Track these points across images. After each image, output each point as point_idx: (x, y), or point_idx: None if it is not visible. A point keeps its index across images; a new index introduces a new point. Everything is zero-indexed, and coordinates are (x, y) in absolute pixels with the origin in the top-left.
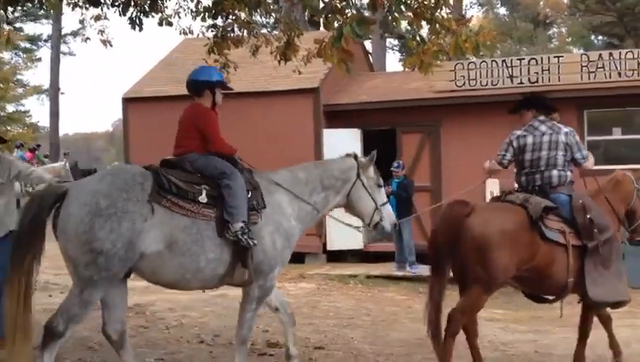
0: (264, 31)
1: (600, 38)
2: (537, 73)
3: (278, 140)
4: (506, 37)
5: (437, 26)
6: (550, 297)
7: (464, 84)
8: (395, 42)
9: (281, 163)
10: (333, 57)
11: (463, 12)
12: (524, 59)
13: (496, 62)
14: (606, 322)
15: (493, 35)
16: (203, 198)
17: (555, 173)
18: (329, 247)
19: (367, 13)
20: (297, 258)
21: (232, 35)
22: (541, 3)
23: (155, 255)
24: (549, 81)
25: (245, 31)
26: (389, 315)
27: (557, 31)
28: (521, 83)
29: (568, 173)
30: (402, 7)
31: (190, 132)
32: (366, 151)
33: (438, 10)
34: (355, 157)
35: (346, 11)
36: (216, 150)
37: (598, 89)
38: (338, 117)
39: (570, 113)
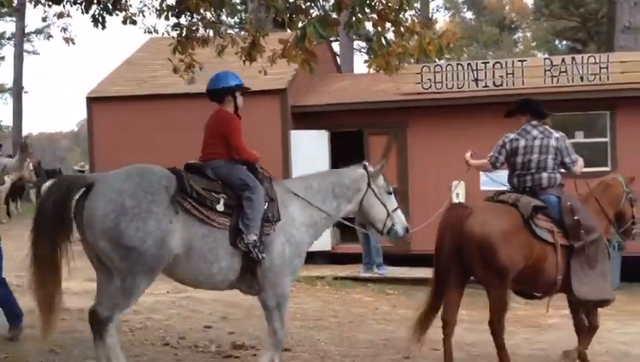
0: (230, 31)
1: (564, 42)
2: (502, 77)
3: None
4: (473, 41)
5: (401, 28)
6: (538, 294)
7: (430, 86)
8: (363, 44)
9: None
10: (297, 58)
11: (430, 15)
12: (488, 62)
13: (461, 65)
14: (591, 330)
15: (456, 37)
16: (220, 207)
17: (545, 175)
18: None
19: (332, 14)
20: None
21: (197, 34)
22: (507, 7)
23: (175, 258)
24: (514, 84)
25: (211, 31)
26: (356, 317)
27: (522, 35)
28: (486, 86)
29: (558, 176)
30: (366, 8)
31: (215, 138)
32: (333, 152)
33: (402, 13)
34: (365, 167)
35: (310, 12)
36: (240, 157)
37: (561, 93)
38: (306, 118)
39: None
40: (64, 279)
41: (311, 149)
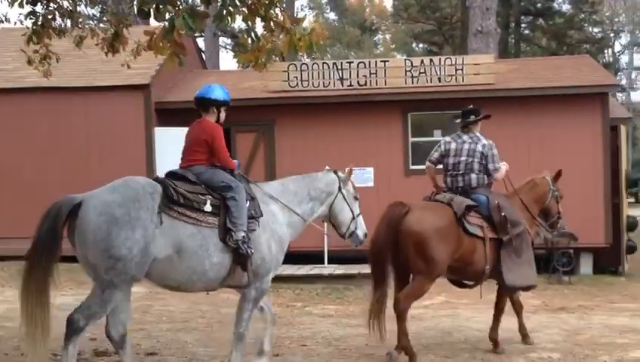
0: (90, 22)
1: (421, 45)
2: (366, 76)
3: (104, 139)
4: (336, 41)
5: (271, 23)
6: (470, 282)
7: (297, 85)
8: (229, 41)
9: (109, 163)
10: (165, 50)
11: (295, 14)
12: (353, 62)
13: (327, 64)
14: (518, 309)
15: (325, 35)
16: (208, 207)
17: (473, 176)
18: None
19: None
20: None
21: (53, 23)
22: (367, 10)
23: (166, 259)
24: (377, 84)
25: (69, 21)
26: (225, 316)
27: (382, 37)
28: (351, 85)
29: (485, 177)
30: (237, 1)
31: (198, 146)
32: None
33: (272, 8)
34: (335, 172)
35: (178, 3)
36: (220, 164)
37: (421, 93)
38: (170, 115)
39: (396, 116)
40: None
41: (176, 147)
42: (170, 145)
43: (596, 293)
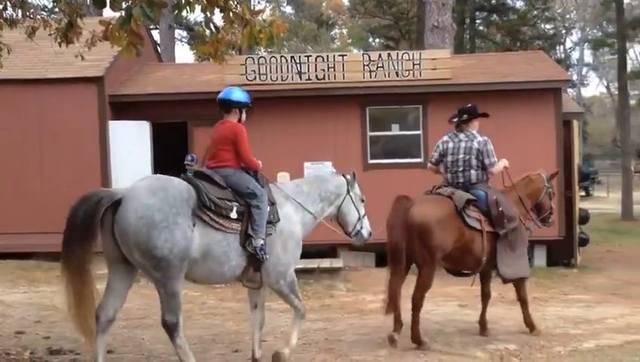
0: (43, 13)
1: (378, 40)
2: (324, 70)
3: (57, 133)
4: (293, 35)
5: (230, 14)
6: (467, 271)
7: (255, 78)
8: (185, 34)
9: (62, 157)
10: (122, 40)
11: (252, 8)
12: (311, 56)
13: (285, 58)
14: (485, 300)
15: (285, 27)
16: (234, 215)
17: (473, 172)
18: None
19: None
20: None
21: (4, 14)
22: (324, 4)
23: (193, 261)
24: (335, 78)
25: (20, 11)
26: (183, 312)
27: (339, 32)
28: (309, 79)
29: (484, 173)
30: None
31: (225, 145)
32: (156, 144)
33: None
34: (344, 175)
35: None
36: (245, 165)
37: (379, 87)
38: (125, 108)
39: (354, 110)
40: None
41: (131, 141)
42: (124, 139)
43: (550, 285)
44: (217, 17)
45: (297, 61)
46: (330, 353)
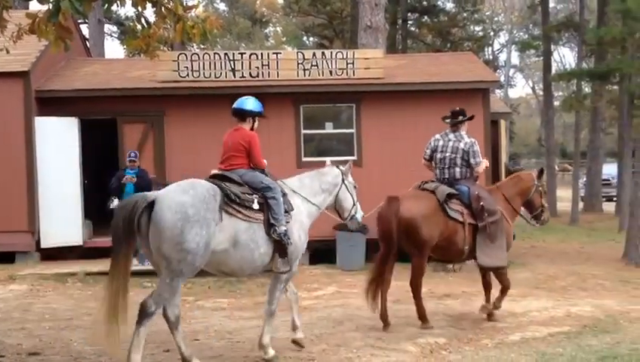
0: None
1: (312, 39)
2: (258, 68)
3: None
4: (226, 32)
5: (163, 9)
6: (452, 261)
7: (188, 75)
8: (115, 28)
9: None
10: (49, 34)
11: (185, 3)
12: (245, 53)
13: (218, 54)
14: (504, 290)
15: (219, 23)
16: (255, 206)
17: (457, 170)
18: (43, 245)
19: None
20: (5, 257)
21: None
22: (258, 2)
23: (223, 251)
24: (269, 76)
25: None
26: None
27: (273, 30)
28: (243, 76)
29: (468, 170)
30: None
31: (238, 151)
32: (84, 141)
33: None
34: (337, 166)
35: None
36: (256, 166)
37: (313, 85)
38: (52, 104)
39: (288, 108)
40: None
41: (59, 137)
42: (51, 136)
43: (479, 280)
44: (149, 12)
45: (231, 58)
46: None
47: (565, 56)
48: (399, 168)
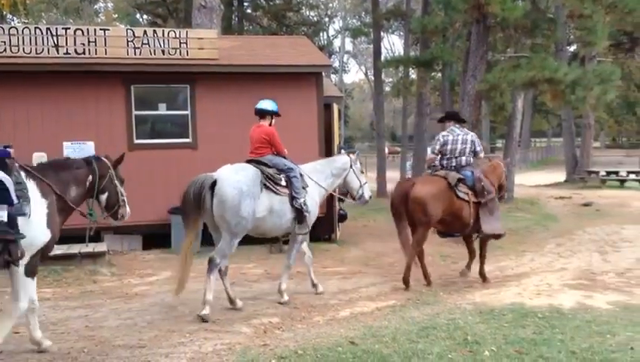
0: None
1: (145, 17)
2: (84, 44)
3: None
4: (52, 7)
5: None
6: (457, 234)
7: (5, 50)
8: None
9: None
10: None
11: None
12: (69, 28)
13: (40, 29)
14: (483, 256)
15: None
16: (282, 183)
17: (463, 158)
18: None
19: None
20: None
21: None
22: None
23: (262, 218)
24: (96, 53)
25: None
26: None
27: (104, 5)
28: (68, 53)
29: (471, 159)
30: None
31: (262, 143)
32: None
33: None
34: (348, 154)
35: None
36: (278, 153)
37: (144, 65)
38: None
39: (118, 87)
40: None
41: None
42: None
43: (313, 259)
44: None
45: (54, 33)
46: (91, 340)
47: (395, 44)
48: (234, 150)
